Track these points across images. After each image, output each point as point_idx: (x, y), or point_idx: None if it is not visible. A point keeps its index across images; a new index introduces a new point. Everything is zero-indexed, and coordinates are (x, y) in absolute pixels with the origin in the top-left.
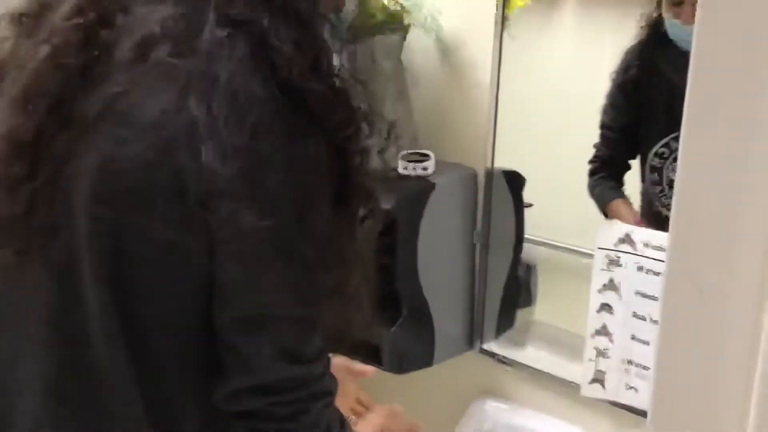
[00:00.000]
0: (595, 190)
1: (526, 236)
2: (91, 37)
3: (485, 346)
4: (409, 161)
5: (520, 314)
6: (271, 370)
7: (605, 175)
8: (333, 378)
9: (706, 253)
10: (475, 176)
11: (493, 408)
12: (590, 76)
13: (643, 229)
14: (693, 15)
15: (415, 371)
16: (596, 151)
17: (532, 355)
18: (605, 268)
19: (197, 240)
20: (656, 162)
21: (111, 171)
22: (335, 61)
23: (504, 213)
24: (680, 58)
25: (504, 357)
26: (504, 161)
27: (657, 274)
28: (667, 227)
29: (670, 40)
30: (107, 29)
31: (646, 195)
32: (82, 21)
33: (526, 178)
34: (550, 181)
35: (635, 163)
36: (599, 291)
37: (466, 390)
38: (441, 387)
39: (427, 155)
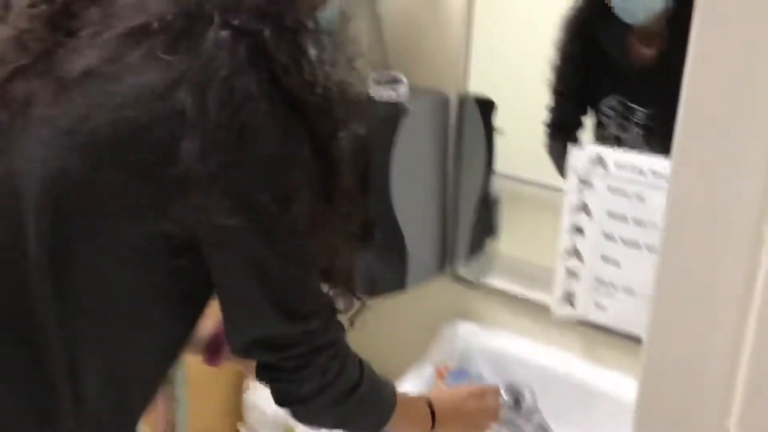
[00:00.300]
0: (551, 150)
1: None
2: (58, 24)
3: (457, 271)
4: (380, 84)
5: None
6: (271, 327)
7: (560, 135)
8: (338, 327)
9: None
10: (447, 101)
11: (465, 330)
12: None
13: (615, 150)
14: None
15: (388, 295)
16: (549, 113)
17: (502, 279)
18: (576, 190)
19: (156, 213)
20: (604, 120)
21: (83, 130)
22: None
23: (475, 139)
24: (620, 27)
25: (476, 281)
26: (475, 87)
27: (627, 194)
28: None
29: (610, 8)
30: (75, 18)
31: None
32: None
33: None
34: (521, 110)
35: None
36: (570, 213)
37: (439, 313)
38: (414, 310)
39: (398, 79)
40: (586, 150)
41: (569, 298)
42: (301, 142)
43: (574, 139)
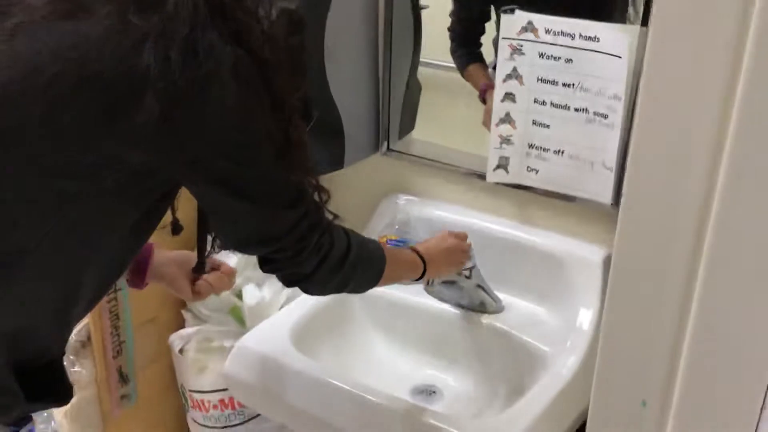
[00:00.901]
0: (455, 54)
1: None
2: None
3: (391, 147)
4: None
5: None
6: (261, 225)
7: (463, 40)
8: (317, 206)
9: None
10: None
11: (404, 201)
12: None
13: (545, 16)
14: None
15: (327, 173)
16: (452, 18)
17: (437, 153)
18: (508, 57)
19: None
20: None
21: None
22: None
23: (402, 16)
24: None
25: (410, 156)
26: None
27: (557, 58)
28: None
29: None
30: None
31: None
32: None
33: None
34: None
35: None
36: (503, 81)
37: (377, 188)
38: (353, 187)
39: None
40: (517, 17)
41: (503, 164)
42: (260, 94)
43: (477, 44)
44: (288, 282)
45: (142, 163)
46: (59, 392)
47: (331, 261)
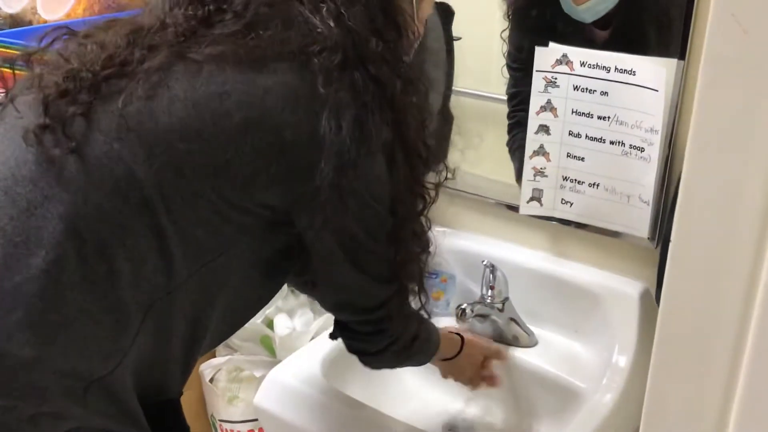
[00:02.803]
0: (515, 153)
1: None
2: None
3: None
4: None
5: None
6: (360, 292)
7: (525, 130)
8: (406, 292)
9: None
10: None
11: (436, 232)
12: None
13: (580, 48)
14: None
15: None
16: (511, 100)
17: (469, 183)
18: (542, 90)
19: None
20: None
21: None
22: None
23: (436, 46)
24: (574, 22)
25: (443, 186)
26: None
27: (592, 91)
28: None
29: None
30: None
31: None
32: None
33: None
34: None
35: None
36: (537, 113)
37: None
38: None
39: None
40: (552, 49)
41: (536, 196)
42: (401, 180)
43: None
44: (352, 350)
45: (287, 215)
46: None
47: (398, 346)
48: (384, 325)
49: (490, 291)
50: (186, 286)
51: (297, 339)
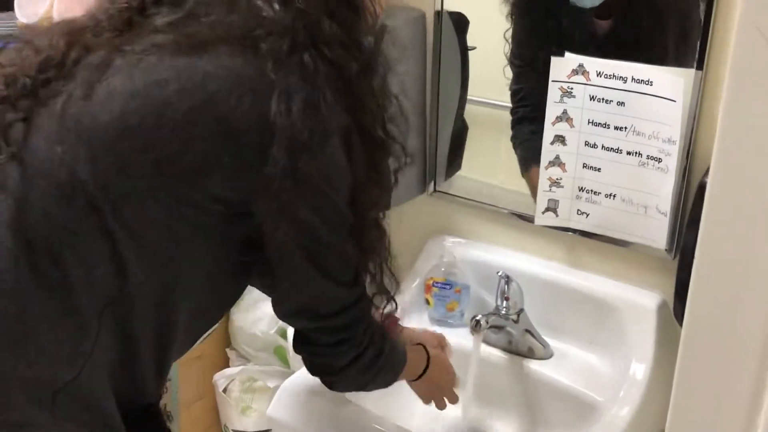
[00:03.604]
0: (518, 148)
1: None
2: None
3: (438, 188)
4: None
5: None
6: (318, 293)
7: (530, 126)
8: (369, 299)
9: None
10: (423, 17)
11: (450, 243)
12: None
13: (596, 58)
14: None
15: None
16: (514, 96)
17: (484, 192)
18: (558, 100)
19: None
20: None
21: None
22: None
23: (450, 55)
24: (575, 10)
25: (457, 197)
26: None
27: (609, 101)
28: None
29: None
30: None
31: None
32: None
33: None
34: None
35: None
36: (553, 123)
37: (424, 229)
38: (400, 228)
39: None
40: (567, 59)
41: (552, 207)
42: (360, 167)
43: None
44: (315, 371)
45: (243, 206)
46: None
47: (365, 360)
48: (345, 335)
49: (505, 302)
50: (144, 288)
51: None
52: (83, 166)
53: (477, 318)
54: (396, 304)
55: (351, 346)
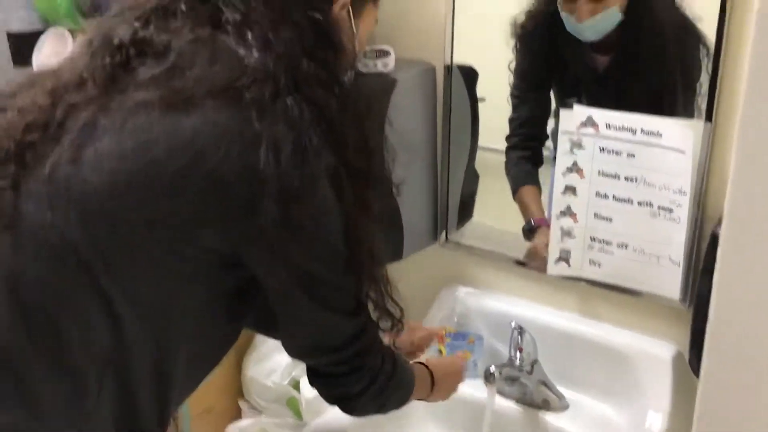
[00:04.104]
0: (510, 171)
1: None
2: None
3: (450, 237)
4: (369, 58)
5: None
6: (325, 329)
7: (521, 152)
8: (375, 324)
9: None
10: (433, 71)
11: (463, 293)
12: None
13: (605, 111)
14: (587, 13)
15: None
16: (511, 124)
17: (492, 244)
18: (569, 151)
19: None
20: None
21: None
22: None
23: (461, 107)
24: (575, 43)
25: (469, 247)
26: (459, 58)
27: (619, 153)
28: None
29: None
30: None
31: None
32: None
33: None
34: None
35: None
36: (563, 174)
37: (436, 279)
38: (412, 278)
39: (386, 52)
40: (576, 112)
41: (564, 257)
42: (349, 202)
43: (536, 159)
44: (332, 400)
45: (235, 257)
46: None
47: (380, 383)
48: (358, 362)
49: (518, 353)
50: (140, 341)
51: (324, 401)
52: (74, 228)
53: (490, 369)
54: (402, 324)
55: (364, 372)
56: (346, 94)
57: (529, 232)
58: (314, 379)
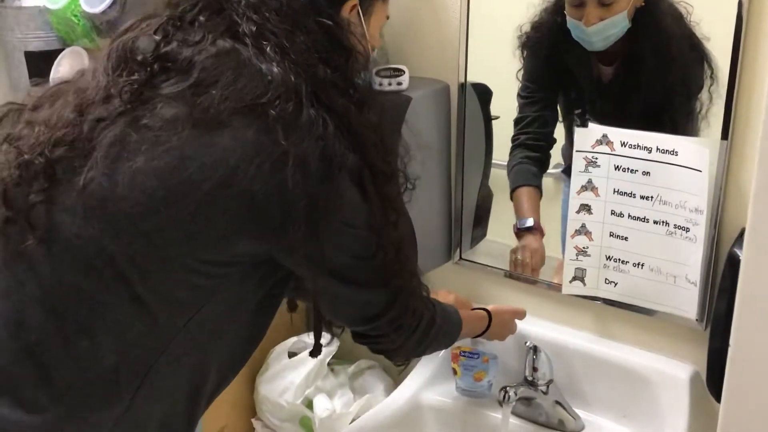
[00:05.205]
0: (512, 169)
1: None
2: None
3: (464, 256)
4: (384, 77)
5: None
6: (357, 301)
7: (526, 152)
8: (408, 289)
9: None
10: (447, 89)
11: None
12: None
13: (620, 129)
14: (595, 18)
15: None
16: (517, 124)
17: (509, 260)
18: (583, 170)
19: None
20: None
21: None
22: None
23: (474, 125)
24: (581, 53)
25: (484, 266)
26: (472, 76)
27: (634, 171)
28: None
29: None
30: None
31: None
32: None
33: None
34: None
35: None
36: (578, 192)
37: None
38: None
39: (401, 70)
40: (591, 130)
41: (579, 276)
42: (373, 199)
43: (542, 164)
44: (376, 352)
45: (266, 255)
46: None
47: (419, 333)
48: (398, 323)
49: (534, 373)
50: (176, 344)
51: (337, 420)
52: (110, 240)
53: (505, 389)
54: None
55: (404, 328)
56: (361, 96)
57: (521, 231)
58: (359, 339)
